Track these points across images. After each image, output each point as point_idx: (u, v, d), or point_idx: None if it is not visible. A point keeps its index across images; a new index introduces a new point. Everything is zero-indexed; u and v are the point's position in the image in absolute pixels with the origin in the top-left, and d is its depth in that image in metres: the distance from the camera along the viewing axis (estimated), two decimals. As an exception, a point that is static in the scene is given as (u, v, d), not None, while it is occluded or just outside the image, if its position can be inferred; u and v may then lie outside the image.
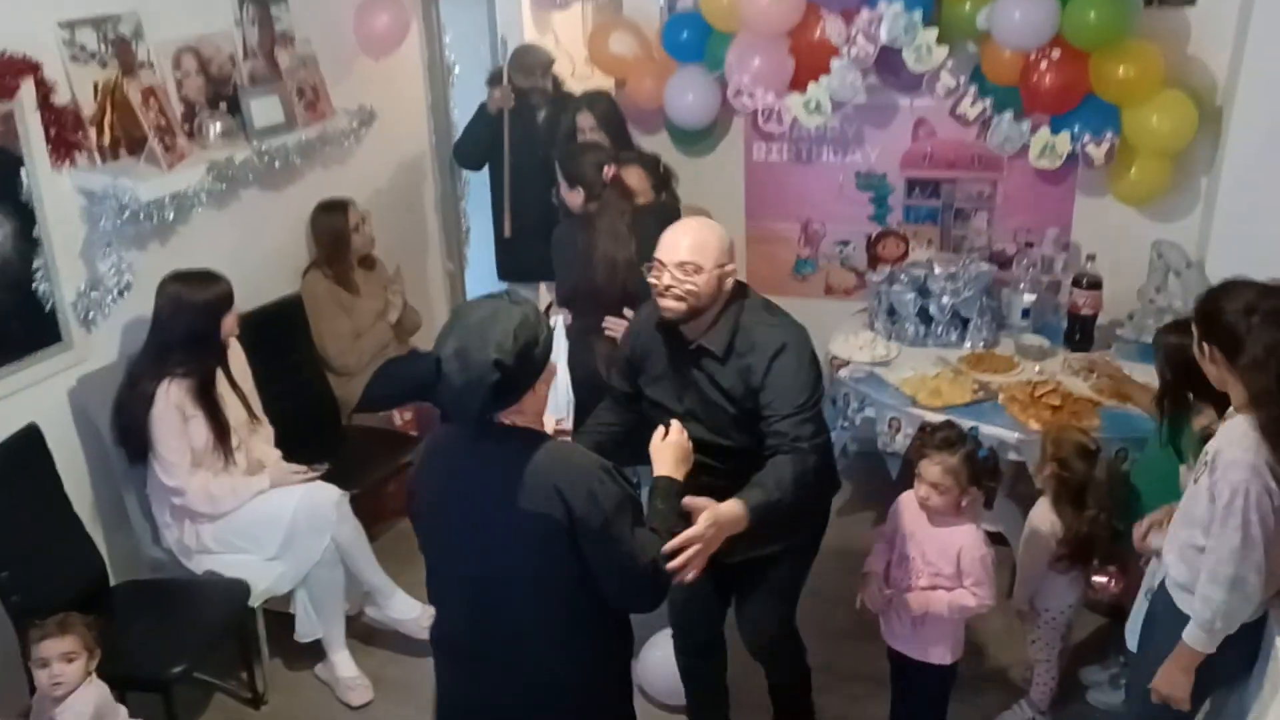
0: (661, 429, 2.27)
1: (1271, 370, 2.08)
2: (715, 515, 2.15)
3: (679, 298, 2.40)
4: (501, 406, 1.96)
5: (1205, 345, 2.22)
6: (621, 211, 3.34)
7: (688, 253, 2.39)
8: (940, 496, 2.67)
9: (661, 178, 3.71)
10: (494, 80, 4.53)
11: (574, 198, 3.48)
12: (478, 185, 5.00)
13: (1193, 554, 2.25)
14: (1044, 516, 3.00)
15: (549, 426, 2.30)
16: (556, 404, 2.65)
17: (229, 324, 3.18)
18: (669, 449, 2.23)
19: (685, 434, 2.27)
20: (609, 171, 3.38)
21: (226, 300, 3.16)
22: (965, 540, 2.69)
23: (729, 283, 2.45)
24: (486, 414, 1.95)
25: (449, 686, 2.22)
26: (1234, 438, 2.15)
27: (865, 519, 4.05)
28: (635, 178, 3.53)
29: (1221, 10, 3.65)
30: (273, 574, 3.18)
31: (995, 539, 3.05)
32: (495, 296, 2.04)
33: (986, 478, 2.70)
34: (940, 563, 2.71)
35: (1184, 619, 2.27)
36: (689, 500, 2.15)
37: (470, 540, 2.01)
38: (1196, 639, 2.24)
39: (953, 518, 2.71)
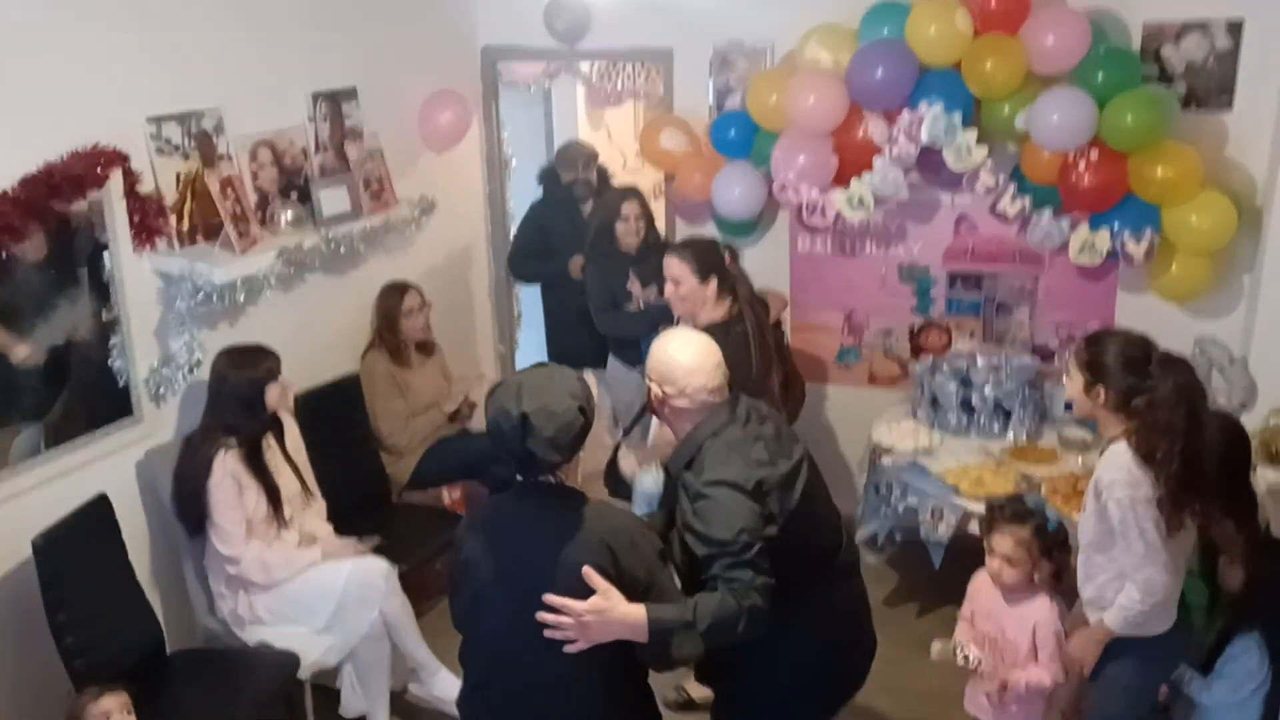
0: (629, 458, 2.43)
1: (1179, 407, 2.39)
2: (609, 605, 2.05)
3: None
4: (573, 453, 2.17)
5: (1099, 388, 2.51)
6: (751, 290, 3.39)
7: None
8: (1012, 569, 2.74)
9: None
10: (551, 185, 4.76)
11: (706, 289, 3.30)
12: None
13: (1095, 571, 2.58)
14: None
15: None
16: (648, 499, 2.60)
17: (273, 395, 3.29)
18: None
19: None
20: (729, 257, 3.38)
21: (271, 373, 3.28)
22: (1040, 615, 2.74)
23: (675, 403, 2.36)
24: (565, 461, 2.16)
25: None
26: (1110, 462, 2.48)
27: (910, 609, 4.03)
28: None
29: (1259, 114, 3.74)
30: (322, 646, 3.24)
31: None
32: (539, 365, 2.27)
33: (1057, 549, 2.76)
34: (1019, 640, 2.75)
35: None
36: (588, 571, 2.06)
37: (525, 597, 2.09)
38: (1114, 620, 2.53)
39: (1027, 593, 2.76)
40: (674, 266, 3.32)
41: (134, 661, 2.99)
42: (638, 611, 2.07)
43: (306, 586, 3.27)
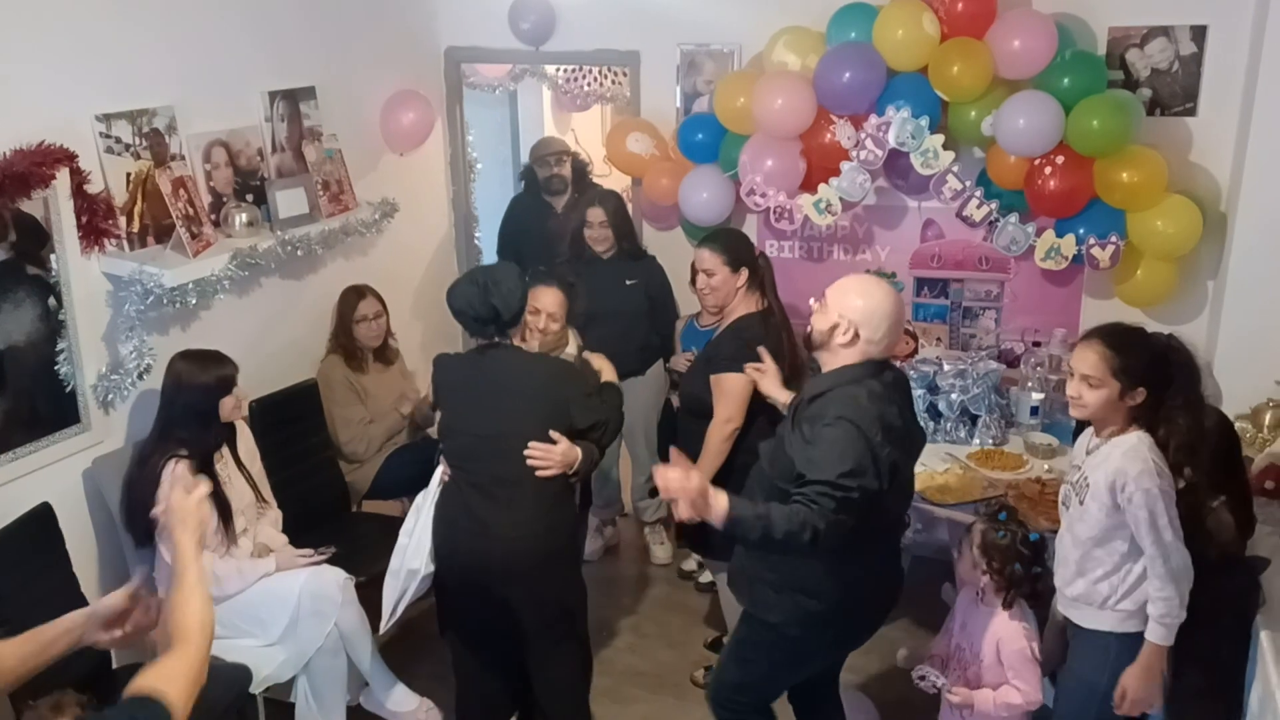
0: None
1: (1195, 393, 2.48)
2: (702, 480, 2.35)
3: None
4: (520, 317, 2.99)
5: (1140, 390, 2.46)
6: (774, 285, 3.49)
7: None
8: (959, 559, 2.83)
9: None
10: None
11: (737, 279, 3.37)
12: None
13: (1091, 566, 2.53)
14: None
15: None
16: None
17: (228, 406, 3.20)
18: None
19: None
20: (758, 249, 3.47)
21: (227, 383, 3.18)
22: (1002, 631, 2.70)
23: (866, 347, 2.57)
24: (499, 333, 2.96)
25: (456, 527, 2.99)
26: (1129, 455, 2.44)
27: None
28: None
29: (1222, 120, 3.75)
30: (275, 660, 3.16)
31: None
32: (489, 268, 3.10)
33: (995, 557, 2.71)
34: (986, 654, 2.72)
35: (1087, 633, 2.57)
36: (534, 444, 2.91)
37: (489, 412, 2.93)
38: (1161, 636, 2.45)
39: (994, 605, 2.74)
40: (706, 258, 3.39)
41: (78, 678, 2.86)
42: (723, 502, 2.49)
43: (260, 598, 3.18)
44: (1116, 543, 2.49)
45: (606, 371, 3.31)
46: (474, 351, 3.07)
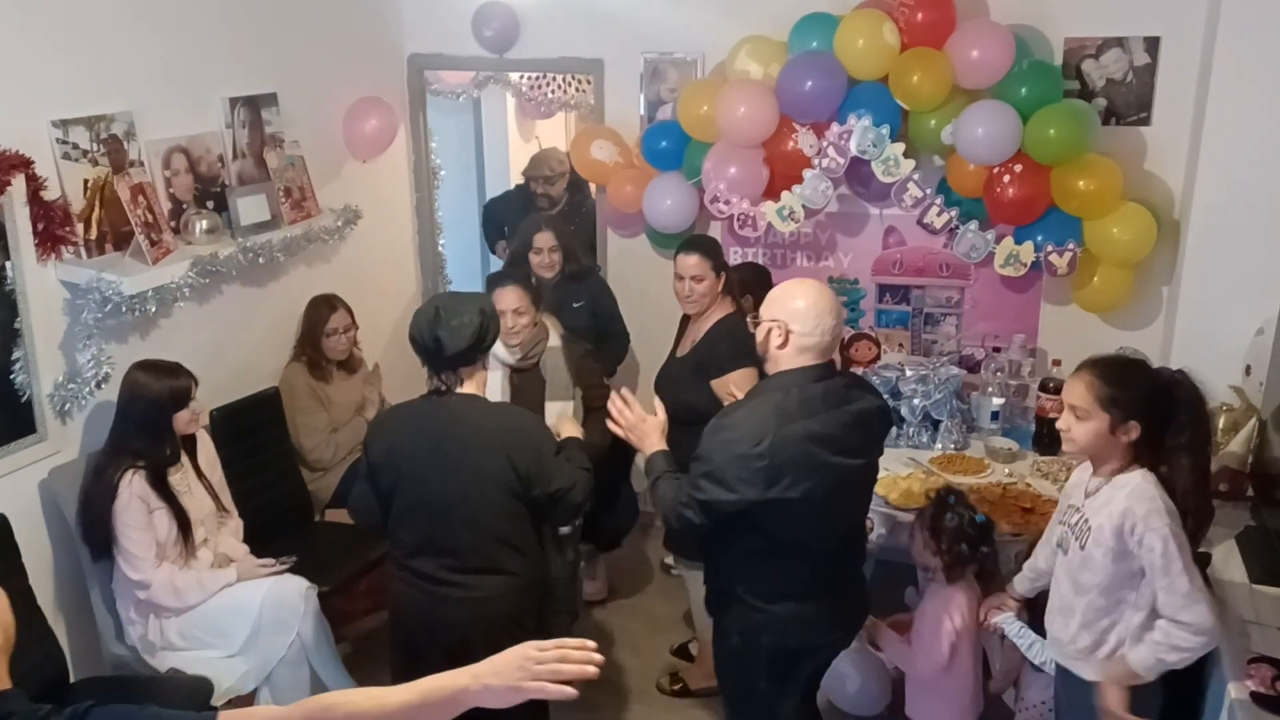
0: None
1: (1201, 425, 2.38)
2: (660, 418, 2.69)
3: None
4: (474, 353, 2.61)
5: (1132, 424, 2.32)
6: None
7: None
8: (911, 540, 3.07)
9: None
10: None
11: (719, 285, 3.46)
12: (460, 285, 5.10)
13: (1096, 616, 2.40)
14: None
15: None
16: None
17: (182, 420, 3.15)
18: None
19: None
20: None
21: (182, 396, 3.13)
22: (946, 604, 2.96)
23: (803, 341, 2.56)
24: (468, 359, 2.61)
25: (403, 601, 2.72)
26: (1134, 492, 2.30)
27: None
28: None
29: (1175, 129, 3.82)
30: (237, 671, 3.12)
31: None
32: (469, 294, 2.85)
33: (946, 540, 2.93)
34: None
35: (1087, 687, 2.44)
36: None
37: (438, 474, 2.58)
38: (1145, 665, 2.34)
39: (943, 583, 3.00)
40: (694, 264, 3.42)
41: (34, 692, 2.81)
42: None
43: (221, 608, 3.14)
44: (1125, 591, 2.36)
45: (567, 427, 3.03)
46: (419, 400, 2.71)
